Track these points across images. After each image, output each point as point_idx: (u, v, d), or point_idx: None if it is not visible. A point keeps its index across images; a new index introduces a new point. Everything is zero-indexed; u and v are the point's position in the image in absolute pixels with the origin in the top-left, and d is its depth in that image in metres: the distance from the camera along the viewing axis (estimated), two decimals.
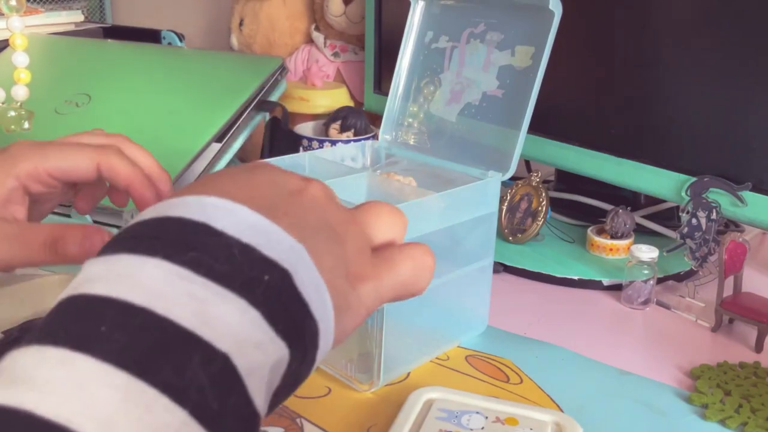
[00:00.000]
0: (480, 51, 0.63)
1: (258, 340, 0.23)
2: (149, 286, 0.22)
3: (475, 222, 0.56)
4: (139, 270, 0.22)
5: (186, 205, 0.24)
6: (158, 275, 0.22)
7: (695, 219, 0.64)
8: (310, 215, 0.27)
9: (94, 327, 0.21)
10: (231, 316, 0.22)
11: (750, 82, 0.60)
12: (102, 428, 0.19)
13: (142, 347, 0.20)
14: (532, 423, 0.47)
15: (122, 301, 0.21)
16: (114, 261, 0.23)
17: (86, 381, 0.19)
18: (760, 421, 0.49)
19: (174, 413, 0.20)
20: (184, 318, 0.21)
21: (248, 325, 0.23)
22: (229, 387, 0.21)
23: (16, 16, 0.75)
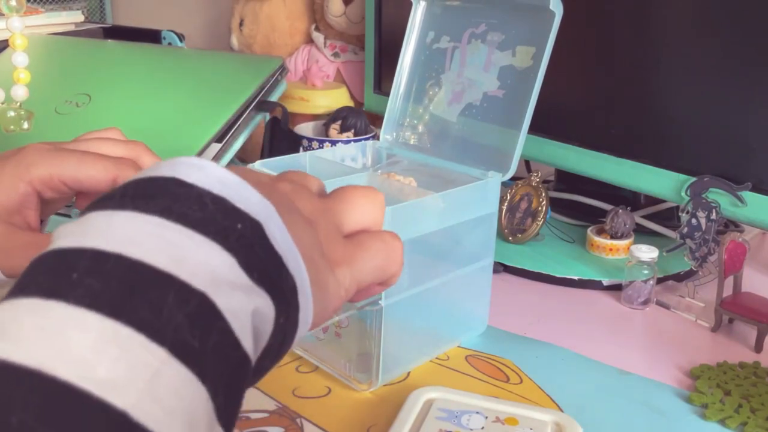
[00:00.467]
0: (481, 51, 0.63)
1: (236, 283, 0.23)
2: (121, 234, 0.22)
3: (475, 222, 0.57)
4: (109, 222, 0.22)
5: (156, 167, 0.24)
6: (130, 224, 0.22)
7: (695, 219, 0.64)
8: (281, 200, 0.27)
9: (66, 275, 0.21)
10: (207, 258, 0.22)
11: (750, 82, 0.60)
12: (77, 369, 0.18)
13: (114, 290, 0.20)
14: (532, 423, 0.47)
15: (94, 249, 0.21)
16: (84, 219, 0.23)
17: (59, 326, 0.19)
18: (759, 420, 0.49)
19: (153, 351, 0.20)
20: (158, 260, 0.21)
21: (225, 268, 0.23)
22: (209, 325, 0.21)
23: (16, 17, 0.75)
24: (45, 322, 0.19)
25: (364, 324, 0.52)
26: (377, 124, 0.78)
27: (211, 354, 0.21)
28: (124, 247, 0.21)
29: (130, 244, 0.21)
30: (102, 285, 0.20)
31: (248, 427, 0.48)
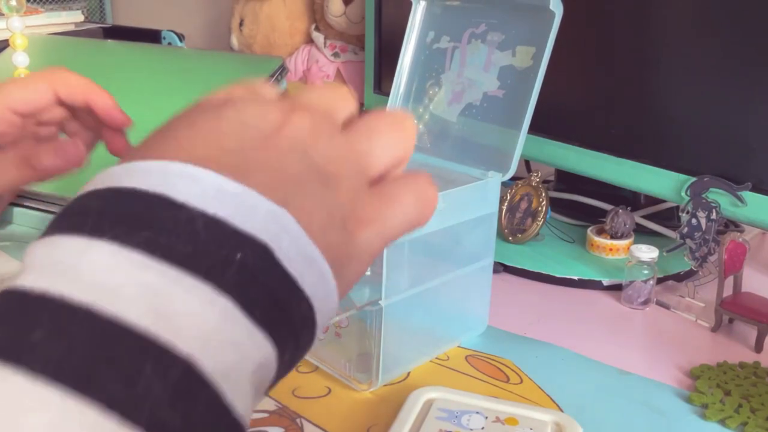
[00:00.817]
0: (481, 51, 0.63)
1: (230, 336, 0.19)
2: (93, 277, 0.18)
3: (475, 222, 0.56)
4: (81, 257, 0.19)
5: (145, 174, 0.20)
6: (104, 262, 0.18)
7: (695, 219, 0.64)
8: (291, 163, 0.23)
9: (25, 334, 0.17)
10: (195, 309, 0.18)
11: (750, 82, 0.60)
12: None
13: (81, 356, 0.17)
14: (532, 423, 0.47)
15: (59, 298, 0.18)
16: (55, 244, 0.19)
17: (12, 404, 0.16)
18: (759, 420, 0.49)
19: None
20: (136, 316, 0.18)
21: (217, 317, 0.19)
22: (194, 397, 0.18)
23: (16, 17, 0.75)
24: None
25: (364, 324, 0.52)
26: None
27: (197, 429, 0.18)
28: (97, 295, 0.18)
29: (103, 292, 0.18)
30: (66, 350, 0.17)
31: (249, 427, 0.48)
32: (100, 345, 0.17)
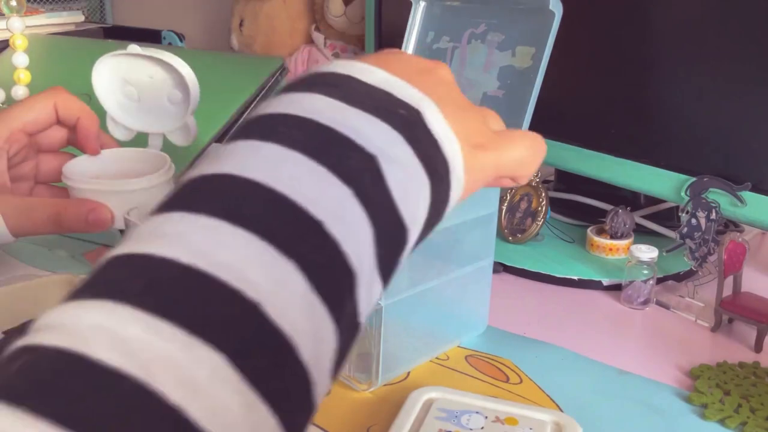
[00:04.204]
0: (481, 51, 0.63)
1: (398, 156, 0.27)
2: (311, 107, 0.27)
3: (474, 222, 0.57)
4: (302, 99, 0.28)
5: (335, 65, 0.30)
6: (318, 102, 0.28)
7: (695, 219, 0.64)
8: (439, 90, 0.31)
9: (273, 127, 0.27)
10: (375, 132, 0.27)
11: (750, 82, 0.60)
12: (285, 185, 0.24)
13: (313, 140, 0.26)
14: (532, 423, 0.47)
15: (293, 114, 0.27)
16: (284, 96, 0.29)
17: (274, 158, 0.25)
18: (759, 420, 0.49)
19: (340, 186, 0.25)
20: (341, 129, 0.26)
21: (390, 141, 0.27)
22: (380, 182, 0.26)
23: (16, 17, 0.75)
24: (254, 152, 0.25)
25: (364, 324, 0.52)
26: None
27: (379, 205, 0.26)
28: (314, 114, 0.27)
29: (318, 114, 0.27)
30: (304, 136, 0.26)
31: None
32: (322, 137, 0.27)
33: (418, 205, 0.28)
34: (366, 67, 0.30)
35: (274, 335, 0.21)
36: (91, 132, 0.58)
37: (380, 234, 0.26)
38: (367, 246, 0.25)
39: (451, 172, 0.30)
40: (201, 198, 0.24)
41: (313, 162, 0.25)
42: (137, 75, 0.65)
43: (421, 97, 0.30)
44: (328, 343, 0.23)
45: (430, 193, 0.29)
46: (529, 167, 0.36)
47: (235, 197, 0.24)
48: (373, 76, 0.30)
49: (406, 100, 0.29)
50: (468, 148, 0.31)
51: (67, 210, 0.53)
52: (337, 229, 0.24)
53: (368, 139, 0.27)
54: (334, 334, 0.24)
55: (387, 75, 0.30)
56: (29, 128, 0.57)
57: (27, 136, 0.57)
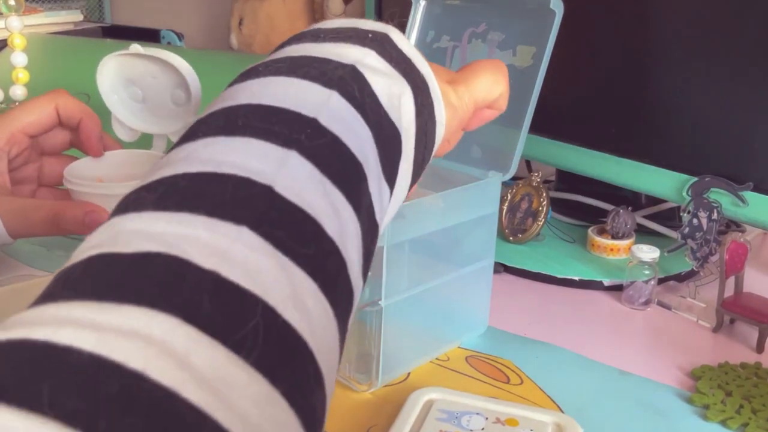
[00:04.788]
0: (481, 51, 0.63)
1: (376, 64, 0.29)
2: (285, 52, 0.30)
3: (475, 222, 0.56)
4: (274, 53, 0.30)
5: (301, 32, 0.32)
6: (288, 48, 0.30)
7: (696, 219, 0.64)
8: None
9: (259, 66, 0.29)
10: (348, 50, 0.29)
11: (751, 82, 0.60)
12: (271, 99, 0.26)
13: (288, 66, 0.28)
14: (533, 424, 0.47)
15: (269, 60, 0.30)
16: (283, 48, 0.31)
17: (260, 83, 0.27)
18: (761, 421, 0.49)
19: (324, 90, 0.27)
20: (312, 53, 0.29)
21: (365, 55, 0.29)
22: (363, 85, 0.28)
23: (14, 16, 0.75)
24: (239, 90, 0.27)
25: (364, 324, 0.52)
26: None
27: (368, 106, 0.28)
28: (288, 53, 0.30)
29: (292, 52, 0.30)
30: (281, 65, 0.28)
31: None
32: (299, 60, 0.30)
33: (406, 110, 0.30)
34: (328, 21, 0.33)
35: (293, 210, 0.23)
36: (94, 133, 0.58)
37: (376, 133, 0.27)
38: (367, 141, 0.27)
39: (430, 89, 0.32)
40: (198, 128, 0.26)
41: (293, 78, 0.27)
42: (140, 75, 0.65)
43: (384, 26, 0.32)
44: (352, 228, 0.25)
45: (413, 102, 0.30)
46: (498, 88, 0.39)
47: (227, 115, 0.26)
48: (336, 22, 0.32)
49: (371, 28, 0.32)
50: (440, 83, 0.33)
51: (64, 212, 0.53)
52: (334, 126, 0.26)
53: (342, 55, 0.29)
54: (356, 221, 0.25)
55: (348, 20, 0.32)
56: (30, 130, 0.57)
57: (28, 138, 0.57)
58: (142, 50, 0.63)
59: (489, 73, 0.38)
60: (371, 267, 0.50)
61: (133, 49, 0.63)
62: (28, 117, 0.57)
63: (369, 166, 0.26)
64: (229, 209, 0.21)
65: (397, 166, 0.29)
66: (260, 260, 0.21)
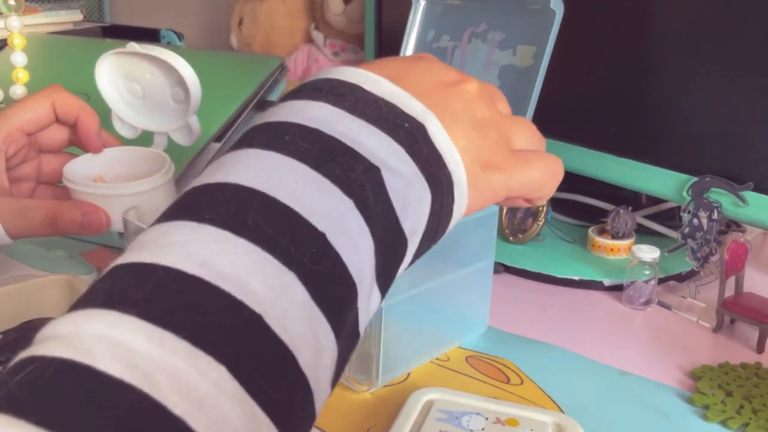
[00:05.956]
0: (481, 50, 0.63)
1: (400, 168, 0.28)
2: (318, 117, 0.27)
3: (475, 222, 0.56)
4: (306, 107, 0.28)
5: (341, 72, 0.30)
6: (323, 111, 0.28)
7: (696, 219, 0.64)
8: (455, 104, 0.31)
9: (281, 137, 0.27)
10: (378, 144, 0.27)
11: (752, 82, 0.60)
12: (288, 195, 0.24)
13: (317, 150, 0.26)
14: (533, 424, 0.47)
15: (298, 124, 0.27)
16: (290, 103, 0.29)
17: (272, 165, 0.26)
18: (761, 422, 0.49)
19: (342, 198, 0.25)
20: (344, 138, 0.27)
21: (392, 154, 0.28)
22: (379, 192, 0.27)
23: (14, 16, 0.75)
24: (259, 161, 0.25)
25: None
26: None
27: (379, 216, 0.26)
28: (318, 124, 0.27)
29: (322, 123, 0.27)
30: (309, 146, 0.26)
31: None
32: (327, 147, 0.27)
33: (418, 217, 0.28)
34: (372, 77, 0.30)
35: (276, 346, 0.22)
36: (92, 130, 0.58)
37: (380, 246, 0.26)
38: (367, 258, 0.26)
39: (454, 187, 0.30)
40: (205, 207, 0.24)
41: (315, 172, 0.25)
42: (138, 73, 0.65)
43: (425, 111, 0.29)
44: (328, 354, 0.24)
45: (430, 206, 0.29)
46: (543, 190, 0.35)
47: (239, 207, 0.24)
48: (379, 86, 0.29)
49: (410, 113, 0.29)
50: (477, 166, 0.31)
51: (62, 212, 0.52)
52: (339, 241, 0.25)
53: (370, 150, 0.27)
54: (335, 345, 0.24)
55: (392, 87, 0.30)
56: (27, 128, 0.56)
57: (26, 135, 0.57)
58: (139, 48, 0.62)
59: (541, 171, 0.34)
60: None
61: (130, 47, 0.63)
62: (25, 114, 0.56)
63: (363, 284, 0.26)
64: (214, 340, 0.21)
65: (395, 272, 0.29)
66: (229, 409, 0.20)
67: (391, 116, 0.29)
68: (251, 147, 0.26)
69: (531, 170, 0.34)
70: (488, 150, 0.32)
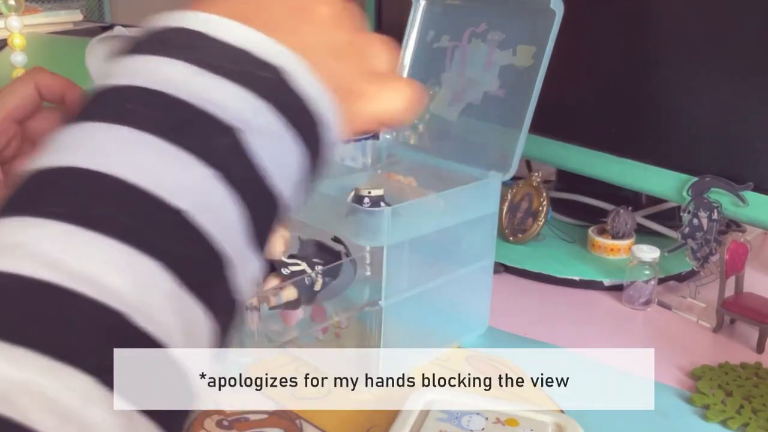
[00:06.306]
0: (481, 50, 0.63)
1: (265, 125, 0.26)
2: (163, 76, 0.25)
3: (475, 222, 0.56)
4: (150, 64, 0.25)
5: (184, 18, 0.27)
6: (169, 67, 0.25)
7: (696, 219, 0.64)
8: (310, 33, 0.29)
9: (122, 106, 0.24)
10: (237, 102, 0.25)
11: (751, 82, 0.60)
12: (142, 176, 0.22)
13: (169, 119, 0.24)
14: (533, 424, 0.47)
15: (142, 87, 0.24)
16: (130, 60, 0.26)
17: (127, 143, 0.23)
18: (761, 422, 0.49)
19: (203, 170, 0.23)
20: (197, 101, 0.24)
21: (255, 111, 0.25)
22: (244, 150, 0.25)
23: (14, 16, 0.75)
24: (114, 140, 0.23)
25: (364, 324, 0.52)
26: None
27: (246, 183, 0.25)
28: (167, 86, 0.24)
29: (171, 85, 0.24)
30: (159, 115, 0.24)
31: (248, 428, 0.48)
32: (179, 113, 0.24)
33: (289, 171, 0.27)
34: (221, 21, 0.27)
35: (143, 342, 0.20)
36: None
37: (250, 210, 0.25)
38: (236, 226, 0.24)
39: (324, 128, 0.28)
40: (45, 199, 0.22)
41: (170, 145, 0.23)
42: None
43: (284, 52, 0.27)
44: (201, 334, 0.23)
45: (300, 157, 0.27)
46: (405, 114, 0.34)
47: (86, 195, 0.22)
48: (230, 33, 0.26)
49: (269, 60, 0.26)
50: (341, 95, 0.29)
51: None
52: (202, 217, 0.23)
53: (229, 111, 0.25)
54: (208, 323, 0.23)
55: (245, 30, 0.26)
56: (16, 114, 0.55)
57: (16, 124, 0.56)
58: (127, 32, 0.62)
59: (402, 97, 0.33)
60: (371, 267, 0.50)
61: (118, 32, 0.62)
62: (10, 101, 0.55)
63: (232, 255, 0.24)
64: (75, 352, 0.19)
65: (269, 231, 0.27)
66: (104, 418, 0.19)
67: (248, 67, 0.26)
68: (94, 120, 0.24)
69: (394, 95, 0.32)
70: (350, 79, 0.30)
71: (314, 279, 0.46)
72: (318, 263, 0.48)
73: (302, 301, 0.47)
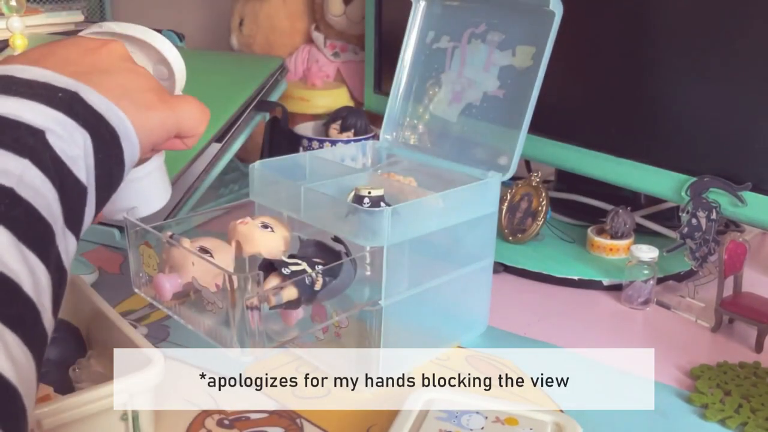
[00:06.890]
0: (481, 51, 0.63)
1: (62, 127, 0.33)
2: None
3: (475, 222, 0.56)
4: None
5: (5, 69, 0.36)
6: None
7: (695, 219, 0.64)
8: (104, 62, 0.39)
9: None
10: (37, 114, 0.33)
11: (750, 82, 0.60)
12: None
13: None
14: (532, 423, 0.47)
15: None
16: None
17: None
18: (760, 421, 0.49)
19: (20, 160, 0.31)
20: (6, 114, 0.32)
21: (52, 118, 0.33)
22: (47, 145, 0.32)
23: (16, 17, 0.75)
24: None
25: (364, 324, 0.52)
26: (377, 124, 0.78)
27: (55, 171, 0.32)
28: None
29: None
30: None
31: (248, 428, 0.48)
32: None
33: (88, 167, 0.34)
34: (20, 67, 0.35)
35: (3, 281, 0.27)
36: None
37: (63, 194, 0.32)
38: (54, 203, 0.31)
39: (121, 139, 0.37)
40: None
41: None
42: None
43: (75, 82, 0.36)
44: (44, 282, 0.29)
45: (93, 158, 0.35)
46: (199, 127, 0.44)
47: None
48: (30, 72, 0.35)
49: (61, 85, 0.35)
50: (136, 107, 0.38)
51: None
52: (27, 192, 0.30)
53: (32, 120, 0.32)
54: (47, 274, 0.30)
55: (42, 70, 0.35)
56: None
57: None
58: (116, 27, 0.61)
59: (195, 108, 0.44)
60: (371, 267, 0.50)
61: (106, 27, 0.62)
62: None
63: (56, 224, 0.31)
64: None
65: (82, 215, 0.34)
66: None
67: (44, 91, 0.34)
68: None
69: (186, 107, 0.42)
70: (143, 93, 0.39)
71: (314, 279, 0.46)
72: (318, 263, 0.48)
73: (302, 301, 0.47)
